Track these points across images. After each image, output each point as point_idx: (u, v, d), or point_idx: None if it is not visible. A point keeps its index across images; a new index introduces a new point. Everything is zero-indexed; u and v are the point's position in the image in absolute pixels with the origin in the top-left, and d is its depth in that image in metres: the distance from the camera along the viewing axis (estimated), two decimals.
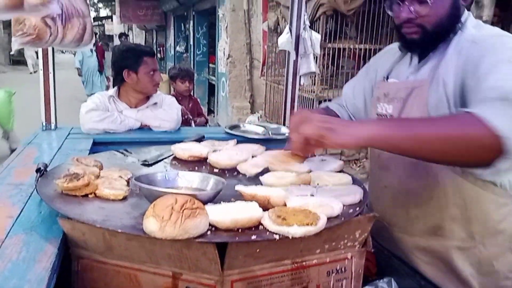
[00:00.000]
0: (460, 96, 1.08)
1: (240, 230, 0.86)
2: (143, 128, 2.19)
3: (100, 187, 1.04)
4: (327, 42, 4.79)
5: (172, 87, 3.79)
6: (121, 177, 1.14)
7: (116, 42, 17.96)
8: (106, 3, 21.19)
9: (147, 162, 1.42)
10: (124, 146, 1.63)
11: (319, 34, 3.13)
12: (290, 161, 1.10)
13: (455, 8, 1.14)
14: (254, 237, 0.84)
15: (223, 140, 1.68)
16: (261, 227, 0.88)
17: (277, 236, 0.85)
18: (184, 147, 1.50)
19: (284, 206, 0.98)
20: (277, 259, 0.93)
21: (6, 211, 1.09)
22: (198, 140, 1.71)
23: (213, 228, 0.86)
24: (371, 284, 1.08)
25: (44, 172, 1.17)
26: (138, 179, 1.04)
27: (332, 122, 0.96)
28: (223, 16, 7.63)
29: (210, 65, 9.83)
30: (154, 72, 2.22)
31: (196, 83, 9.25)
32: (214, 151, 1.47)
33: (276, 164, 1.22)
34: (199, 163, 1.43)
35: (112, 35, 23.22)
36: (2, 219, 1.04)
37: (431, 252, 1.24)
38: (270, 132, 2.24)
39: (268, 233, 0.86)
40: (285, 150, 1.15)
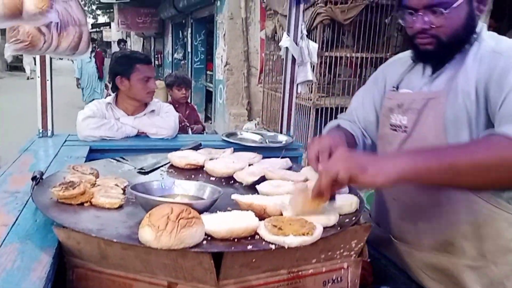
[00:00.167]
0: (484, 108, 1.06)
1: (236, 240, 0.86)
2: (140, 135, 2.18)
3: (96, 195, 1.04)
4: (324, 50, 4.81)
5: (169, 95, 3.79)
6: (117, 185, 1.14)
7: (115, 48, 18.02)
8: (105, 10, 21.27)
9: (144, 170, 1.42)
10: (121, 154, 1.63)
11: (316, 43, 3.14)
12: (314, 206, 0.96)
13: (471, 19, 1.10)
14: (250, 247, 0.84)
15: (220, 148, 1.69)
16: (257, 237, 0.88)
17: (273, 246, 0.85)
18: (180, 155, 1.50)
19: (281, 215, 0.98)
20: (273, 269, 0.93)
21: (1, 219, 1.08)
22: (195, 148, 1.72)
23: (209, 238, 0.86)
24: None
25: (40, 180, 1.17)
26: (134, 187, 1.04)
27: (361, 159, 0.91)
28: (221, 24, 7.68)
29: (208, 72, 9.86)
30: (148, 79, 2.20)
31: (193, 90, 9.30)
32: (211, 159, 1.48)
33: (301, 212, 0.98)
34: (196, 171, 1.43)
35: (110, 41, 23.31)
36: None
37: (440, 269, 1.20)
38: (267, 140, 2.25)
39: (264, 242, 0.86)
40: (302, 188, 1.02)
